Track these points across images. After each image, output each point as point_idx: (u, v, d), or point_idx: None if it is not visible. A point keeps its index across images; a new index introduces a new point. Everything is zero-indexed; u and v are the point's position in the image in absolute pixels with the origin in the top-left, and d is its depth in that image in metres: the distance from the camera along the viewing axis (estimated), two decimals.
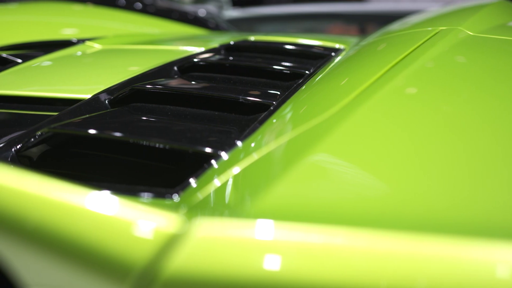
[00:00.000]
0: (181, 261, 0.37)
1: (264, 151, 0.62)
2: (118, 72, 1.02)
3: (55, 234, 0.38)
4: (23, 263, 0.40)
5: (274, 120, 0.74)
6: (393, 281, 0.38)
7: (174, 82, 0.95)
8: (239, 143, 0.67)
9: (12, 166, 0.40)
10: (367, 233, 0.41)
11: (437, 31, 1.02)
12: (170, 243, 0.38)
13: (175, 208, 0.52)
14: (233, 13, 3.11)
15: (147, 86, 0.88)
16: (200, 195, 0.55)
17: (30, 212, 0.38)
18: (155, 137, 0.70)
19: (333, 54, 1.16)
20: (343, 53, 1.15)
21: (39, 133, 0.73)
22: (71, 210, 0.38)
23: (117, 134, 0.70)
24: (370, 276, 0.38)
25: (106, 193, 0.40)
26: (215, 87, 0.91)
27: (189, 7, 3.03)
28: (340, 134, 0.63)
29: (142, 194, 0.58)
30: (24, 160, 0.73)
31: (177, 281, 0.37)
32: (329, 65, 1.04)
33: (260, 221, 0.40)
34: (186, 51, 1.18)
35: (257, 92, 0.86)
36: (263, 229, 0.39)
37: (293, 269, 0.37)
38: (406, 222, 0.46)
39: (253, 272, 0.37)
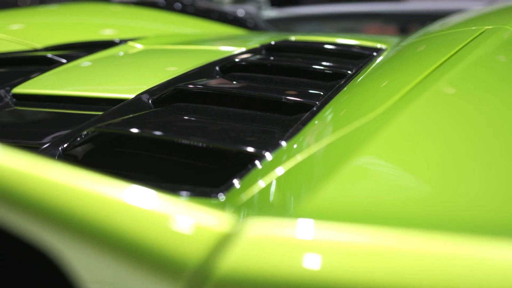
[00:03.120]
0: (233, 260, 0.37)
1: (308, 152, 0.62)
2: (160, 72, 1.03)
3: (110, 232, 0.38)
4: (80, 259, 0.40)
5: (317, 121, 0.73)
6: (437, 282, 0.38)
7: (216, 82, 0.95)
8: (283, 143, 0.67)
9: (67, 163, 0.40)
10: (414, 234, 0.40)
11: (482, 30, 1.00)
12: (223, 242, 0.38)
13: (221, 207, 0.52)
14: (271, 13, 3.11)
15: (190, 86, 0.89)
16: (245, 195, 0.55)
17: (86, 210, 0.38)
18: (199, 137, 0.70)
19: (374, 54, 1.14)
20: (385, 53, 1.14)
21: (85, 132, 0.74)
22: (125, 208, 0.38)
23: (162, 133, 0.71)
24: (417, 278, 0.38)
25: (157, 192, 0.40)
26: (257, 87, 0.91)
27: (228, 8, 3.05)
28: (385, 136, 0.62)
29: (188, 193, 0.58)
30: (70, 159, 0.74)
31: (230, 280, 0.37)
32: (371, 65, 1.03)
33: (311, 222, 0.40)
34: (227, 51, 1.18)
35: (299, 92, 0.86)
36: (314, 229, 0.39)
37: (347, 269, 0.37)
38: (451, 224, 0.45)
39: (306, 272, 0.37)
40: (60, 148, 0.73)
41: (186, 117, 0.80)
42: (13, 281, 0.64)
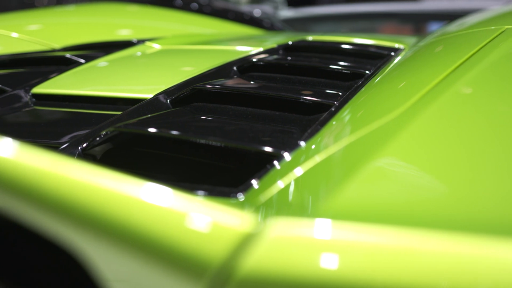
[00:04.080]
0: (256, 260, 0.37)
1: (327, 152, 0.62)
2: (178, 72, 1.04)
3: (132, 231, 0.38)
4: (103, 258, 0.40)
5: (336, 122, 0.73)
6: (457, 283, 0.37)
7: (234, 82, 0.95)
8: (302, 143, 0.67)
9: (89, 162, 0.41)
10: (435, 235, 0.40)
11: (502, 30, 0.99)
12: (245, 242, 0.38)
13: (241, 208, 0.52)
14: (287, 13, 3.10)
15: (208, 86, 0.89)
16: (264, 196, 0.55)
17: (109, 209, 0.38)
18: (217, 137, 0.70)
19: (392, 54, 1.14)
20: (403, 53, 1.13)
21: (104, 132, 0.75)
22: (147, 207, 0.39)
23: (180, 133, 0.71)
24: (437, 279, 0.38)
25: (179, 191, 0.40)
26: (275, 87, 0.91)
27: (244, 8, 3.05)
28: (404, 137, 0.61)
29: (207, 193, 0.58)
30: (90, 158, 0.74)
31: (252, 280, 0.37)
32: (389, 65, 1.02)
33: (332, 222, 0.40)
34: (244, 51, 1.18)
35: (317, 92, 0.86)
36: (336, 230, 0.39)
37: (371, 270, 0.37)
38: (472, 225, 0.45)
39: (328, 273, 0.37)
40: (79, 148, 0.74)
41: (204, 117, 0.80)
42: (36, 279, 0.64)
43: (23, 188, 0.40)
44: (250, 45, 1.26)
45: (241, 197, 0.57)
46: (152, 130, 0.73)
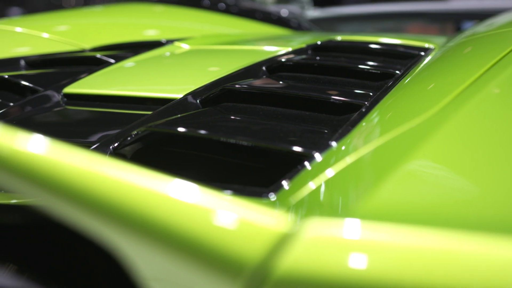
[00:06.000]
0: (292, 260, 0.37)
1: (358, 153, 0.61)
2: (207, 72, 1.04)
3: (170, 230, 0.38)
4: (141, 256, 0.41)
5: (367, 122, 0.73)
6: (490, 284, 0.37)
7: (264, 82, 0.95)
8: (333, 144, 0.66)
9: (124, 161, 0.41)
10: (469, 237, 0.40)
11: None
12: (282, 242, 0.38)
13: (273, 207, 0.52)
14: (314, 13, 3.10)
15: (237, 86, 0.89)
16: (296, 196, 0.55)
17: (148, 208, 0.39)
18: (247, 137, 0.70)
19: (422, 54, 1.13)
20: (433, 53, 1.12)
21: (135, 132, 0.75)
22: (184, 207, 0.39)
23: (211, 133, 0.71)
24: (474, 279, 0.37)
25: (216, 191, 0.40)
26: (305, 87, 0.90)
27: (271, 8, 3.05)
28: (437, 138, 0.61)
29: (238, 193, 0.58)
30: (121, 158, 0.75)
31: (289, 280, 0.37)
32: (420, 65, 1.01)
33: (369, 223, 0.40)
34: (273, 51, 1.18)
35: (348, 92, 0.85)
36: (373, 231, 0.39)
37: (411, 270, 0.37)
38: (505, 226, 0.44)
39: (366, 273, 0.37)
40: (111, 147, 0.75)
41: (234, 117, 0.80)
42: (75, 276, 0.65)
43: (63, 186, 0.41)
44: (279, 45, 1.26)
45: (272, 197, 0.57)
46: (182, 130, 0.73)
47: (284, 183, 0.59)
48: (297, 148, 0.66)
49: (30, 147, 0.42)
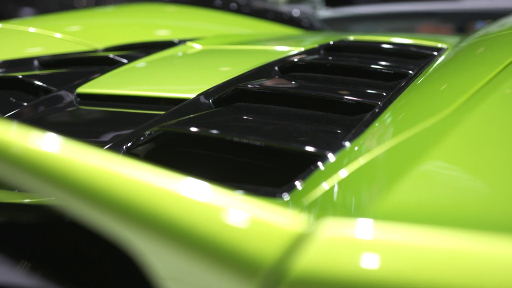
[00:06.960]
0: (308, 260, 0.37)
1: (372, 154, 0.61)
2: (220, 72, 1.04)
3: (186, 230, 0.38)
4: (157, 256, 0.41)
5: (380, 122, 0.72)
6: (503, 284, 0.37)
7: (276, 82, 0.95)
8: (346, 144, 0.66)
9: (139, 161, 0.41)
10: (484, 237, 0.39)
11: None
12: (298, 242, 0.38)
13: (287, 208, 0.52)
14: (326, 13, 3.09)
15: (250, 86, 0.89)
16: (309, 196, 0.55)
17: (164, 208, 0.39)
18: (260, 137, 0.70)
19: (435, 54, 1.12)
20: (446, 53, 1.11)
21: (149, 131, 0.75)
22: (199, 206, 0.39)
23: (224, 133, 0.71)
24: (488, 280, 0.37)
25: (230, 191, 0.40)
26: (318, 87, 0.90)
27: (283, 7, 3.05)
28: (451, 138, 0.60)
29: (252, 192, 0.58)
30: (135, 157, 0.75)
31: (305, 281, 0.37)
32: (433, 65, 1.01)
33: (384, 223, 0.40)
34: (285, 51, 1.18)
35: (360, 92, 0.85)
36: (389, 231, 0.39)
37: (421, 270, 0.37)
38: None
39: (382, 273, 0.37)
40: (124, 147, 0.75)
41: (247, 117, 0.80)
42: (90, 276, 0.65)
43: (78, 185, 0.41)
44: (291, 45, 1.25)
45: (286, 197, 0.57)
46: (195, 129, 0.73)
47: (298, 183, 0.59)
48: (310, 148, 0.66)
49: (45, 146, 0.42)
